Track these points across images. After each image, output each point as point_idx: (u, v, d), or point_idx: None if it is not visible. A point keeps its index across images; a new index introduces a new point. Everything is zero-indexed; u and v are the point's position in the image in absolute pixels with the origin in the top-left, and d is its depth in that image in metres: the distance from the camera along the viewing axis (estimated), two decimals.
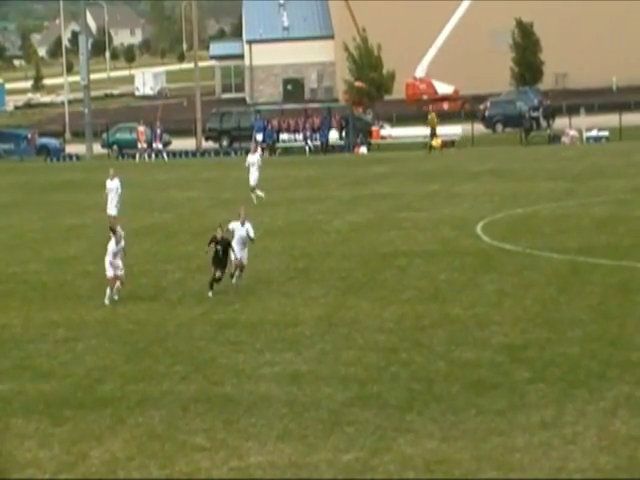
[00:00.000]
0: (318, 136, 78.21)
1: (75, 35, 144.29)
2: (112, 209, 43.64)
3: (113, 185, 43.87)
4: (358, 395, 22.06)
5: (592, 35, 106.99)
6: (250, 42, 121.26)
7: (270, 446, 19.54)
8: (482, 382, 22.46)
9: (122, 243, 31.35)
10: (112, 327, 28.36)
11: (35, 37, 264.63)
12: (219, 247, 30.36)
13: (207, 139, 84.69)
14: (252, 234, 31.54)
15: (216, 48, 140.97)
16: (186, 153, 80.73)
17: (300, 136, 78.53)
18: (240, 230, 31.36)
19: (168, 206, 50.17)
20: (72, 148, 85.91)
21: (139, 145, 79.59)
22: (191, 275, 34.57)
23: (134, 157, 79.04)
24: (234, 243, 30.99)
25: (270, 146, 77.97)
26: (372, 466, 18.41)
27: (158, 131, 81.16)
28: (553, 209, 43.96)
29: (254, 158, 51.20)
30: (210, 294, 30.59)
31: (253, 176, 50.37)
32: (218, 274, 30.54)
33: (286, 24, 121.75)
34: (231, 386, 23.05)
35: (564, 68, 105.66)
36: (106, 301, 30.64)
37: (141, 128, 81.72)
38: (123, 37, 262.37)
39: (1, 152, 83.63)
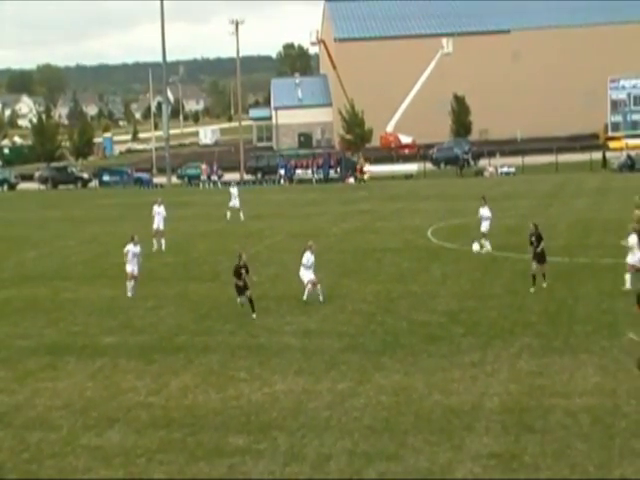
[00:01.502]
0: (321, 171, 78.17)
1: (159, 104, 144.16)
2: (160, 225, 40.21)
3: (161, 209, 40.15)
4: (349, 344, 22.07)
5: (504, 104, 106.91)
6: (276, 108, 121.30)
7: (290, 378, 19.56)
8: (432, 335, 22.46)
9: (139, 248, 29.41)
10: (184, 299, 28.39)
11: (133, 105, 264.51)
12: (242, 271, 25.32)
13: (247, 173, 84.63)
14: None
15: (253, 112, 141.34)
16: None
17: (309, 171, 78.48)
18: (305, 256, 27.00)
19: (221, 218, 50.16)
20: (157, 179, 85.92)
21: (202, 177, 79.66)
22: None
23: (199, 185, 79.05)
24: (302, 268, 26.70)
25: (289, 178, 77.93)
26: (358, 392, 18.42)
27: (215, 168, 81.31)
28: (478, 220, 43.90)
29: (234, 190, 49.85)
30: (254, 316, 25.09)
31: (234, 202, 49.01)
32: (242, 300, 25.51)
33: (300, 96, 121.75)
34: (264, 338, 23.07)
35: (485, 125, 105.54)
36: (129, 293, 28.69)
37: (203, 166, 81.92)
38: (191, 105, 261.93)
39: (111, 182, 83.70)
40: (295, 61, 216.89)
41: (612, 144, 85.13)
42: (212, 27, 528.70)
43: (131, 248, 29.26)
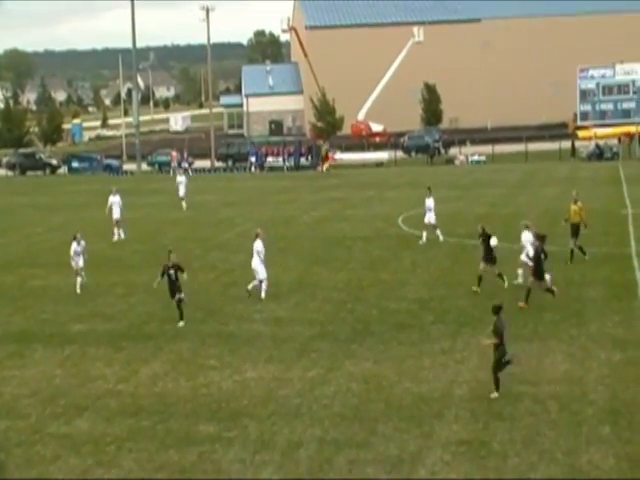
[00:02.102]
0: (292, 159, 78.00)
1: (129, 91, 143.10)
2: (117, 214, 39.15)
3: (116, 199, 39.23)
4: (319, 332, 22.08)
5: (474, 92, 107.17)
6: (247, 95, 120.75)
7: (260, 366, 19.54)
8: (402, 323, 22.52)
9: (83, 244, 27.99)
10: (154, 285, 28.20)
11: (103, 92, 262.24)
12: (172, 272, 23.43)
13: (218, 160, 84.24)
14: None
15: (224, 99, 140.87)
16: (204, 170, 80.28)
17: (280, 159, 78.27)
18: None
19: (192, 205, 49.88)
20: (127, 166, 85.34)
21: (172, 164, 79.22)
22: (208, 252, 34.45)
23: (169, 172, 78.62)
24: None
25: (260, 165, 77.69)
26: (328, 379, 18.44)
27: (185, 155, 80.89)
28: (449, 208, 44.04)
29: (182, 178, 49.27)
30: (181, 324, 23.05)
31: (181, 191, 48.40)
32: (176, 298, 23.39)
33: (271, 84, 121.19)
34: (234, 326, 23.02)
35: (456, 114, 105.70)
36: (77, 290, 27.44)
37: (174, 153, 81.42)
38: (161, 92, 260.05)
39: (80, 169, 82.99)
40: (266, 48, 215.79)
41: (581, 133, 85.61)
42: (183, 13, 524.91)
43: (74, 247, 27.70)
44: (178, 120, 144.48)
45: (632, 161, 68.73)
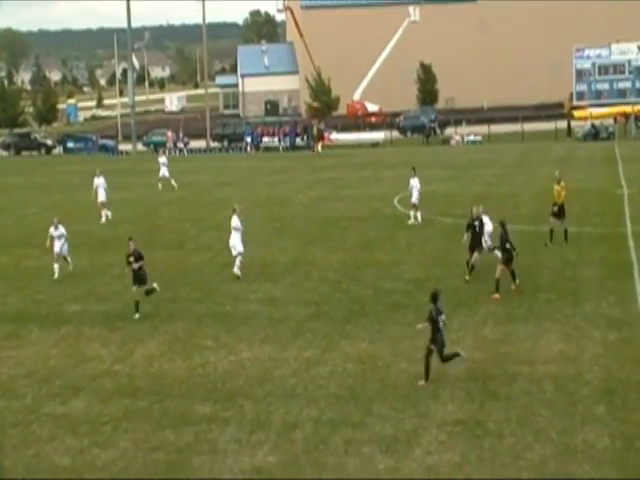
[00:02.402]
0: (288, 139, 77.76)
1: (124, 71, 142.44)
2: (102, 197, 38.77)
3: (101, 181, 38.89)
4: (315, 312, 22.06)
5: (470, 72, 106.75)
6: (243, 76, 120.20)
7: (256, 346, 19.53)
8: (397, 303, 22.51)
9: (61, 229, 27.07)
10: (149, 267, 27.96)
11: (98, 71, 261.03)
12: (132, 259, 22.30)
13: (213, 140, 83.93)
14: None
15: (220, 79, 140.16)
16: (199, 150, 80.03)
17: (276, 139, 78.03)
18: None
19: (187, 185, 49.79)
20: (123, 147, 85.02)
21: (168, 144, 78.98)
22: (203, 232, 34.39)
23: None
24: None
25: (256, 146, 77.46)
26: (323, 360, 18.44)
27: (181, 135, 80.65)
28: (445, 188, 44.01)
29: (163, 159, 48.70)
30: (137, 316, 22.02)
31: (163, 171, 47.88)
32: (146, 288, 22.40)
33: (267, 64, 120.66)
34: (230, 306, 23.00)
35: (451, 94, 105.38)
36: (55, 274, 26.62)
37: (169, 133, 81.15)
38: (157, 72, 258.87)
39: (75, 149, 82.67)
40: (262, 28, 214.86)
41: (577, 113, 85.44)
42: None
43: (52, 232, 26.97)
44: (173, 100, 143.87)
45: (628, 141, 68.65)
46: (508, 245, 22.92)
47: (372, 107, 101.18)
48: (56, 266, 26.73)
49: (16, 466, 13.98)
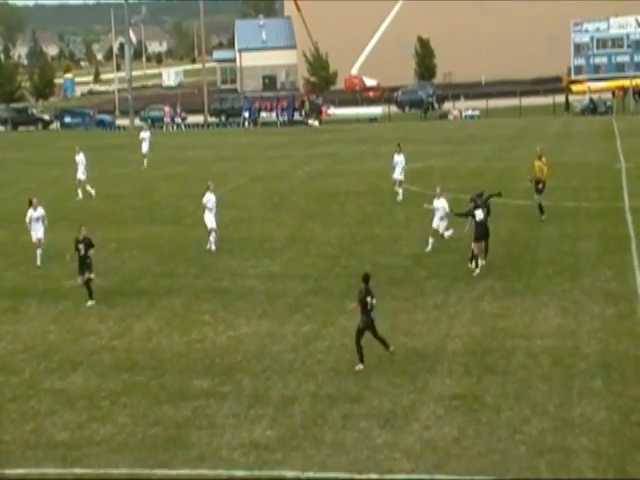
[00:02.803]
0: (285, 114, 77.48)
1: (122, 45, 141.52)
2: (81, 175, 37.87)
3: (81, 157, 38.03)
4: (313, 287, 22.03)
5: (468, 47, 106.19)
6: (240, 50, 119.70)
7: (254, 321, 19.52)
8: (395, 279, 22.48)
9: (40, 211, 25.73)
10: (147, 242, 28.14)
11: (95, 46, 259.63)
12: (81, 246, 21.30)
13: (211, 116, 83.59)
14: None
15: (217, 54, 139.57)
16: (197, 125, 79.76)
17: (273, 114, 77.74)
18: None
19: (185, 161, 49.68)
20: (120, 122, 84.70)
21: (165, 119, 78.74)
22: (200, 207, 34.20)
23: (162, 128, 78.11)
24: None
25: (253, 121, 77.18)
26: (322, 335, 18.43)
27: (178, 110, 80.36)
28: (442, 163, 43.91)
29: (145, 134, 47.93)
30: (89, 303, 21.08)
31: (145, 147, 47.25)
32: (85, 277, 21.23)
33: (264, 38, 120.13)
34: (227, 281, 22.96)
35: (449, 68, 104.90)
36: (37, 261, 25.34)
37: (166, 108, 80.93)
38: (154, 47, 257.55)
39: (72, 124, 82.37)
40: (259, 3, 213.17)
41: (575, 88, 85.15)
42: None
43: (31, 214, 25.54)
44: (171, 75, 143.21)
45: (626, 115, 68.43)
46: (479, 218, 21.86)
47: (370, 82, 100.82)
48: (38, 252, 25.42)
49: (15, 441, 13.98)
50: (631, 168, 39.15)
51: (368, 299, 16.28)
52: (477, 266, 22.33)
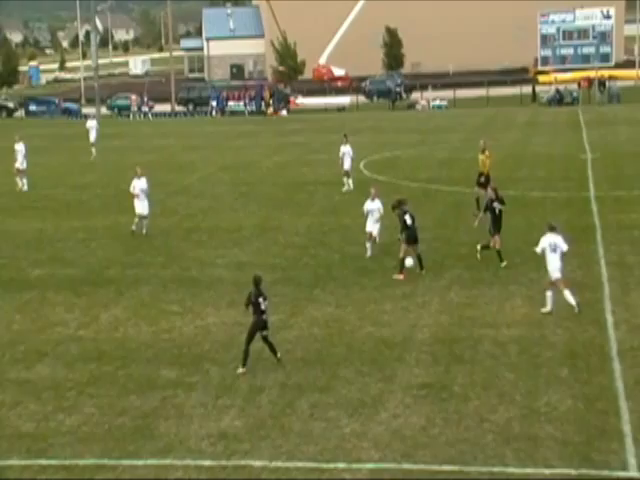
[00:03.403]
0: (253, 103, 77.19)
1: (88, 33, 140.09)
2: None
3: (20, 147, 36.86)
4: (281, 277, 21.98)
5: (436, 37, 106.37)
6: (208, 39, 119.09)
7: (222, 311, 19.44)
8: (364, 268, 22.49)
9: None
10: (115, 231, 27.93)
11: (60, 34, 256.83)
12: None
13: (178, 104, 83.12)
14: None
15: (185, 43, 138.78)
16: (164, 114, 79.24)
17: (241, 103, 77.42)
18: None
19: (152, 150, 49.35)
20: (86, 110, 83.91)
21: (132, 108, 78.15)
22: (168, 197, 34.09)
23: (128, 116, 77.54)
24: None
25: (221, 110, 76.82)
26: (290, 324, 18.40)
27: (145, 99, 79.81)
28: (410, 153, 43.99)
29: (92, 123, 47.00)
30: None
31: (92, 136, 46.27)
32: None
33: (232, 27, 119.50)
34: (196, 271, 22.85)
35: (417, 58, 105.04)
36: None
37: (133, 97, 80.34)
38: (121, 35, 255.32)
39: (38, 112, 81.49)
40: None
41: (541, 78, 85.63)
42: None
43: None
44: (138, 64, 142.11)
45: (591, 106, 68.96)
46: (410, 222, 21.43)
47: (338, 71, 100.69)
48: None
49: None
50: (597, 158, 39.48)
51: (260, 300, 15.78)
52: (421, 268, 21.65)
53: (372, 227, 23.48)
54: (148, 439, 13.42)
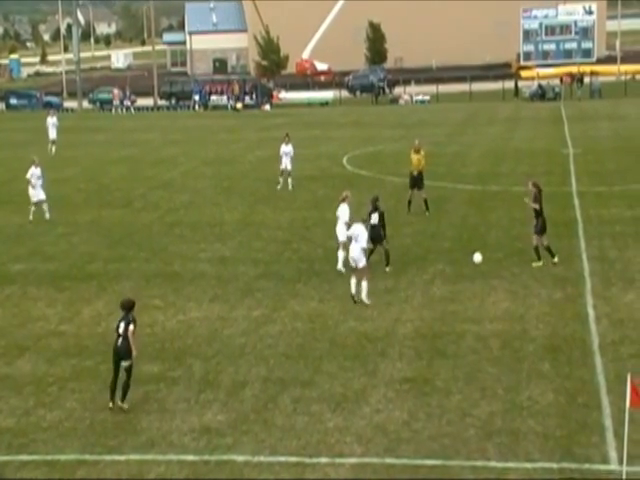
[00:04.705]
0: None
1: (69, 26, 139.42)
2: None
3: None
4: (264, 272, 21.95)
5: (419, 31, 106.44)
6: (191, 33, 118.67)
7: (205, 306, 19.40)
8: (347, 262, 22.43)
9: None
10: (97, 226, 27.80)
11: (41, 27, 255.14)
12: None
13: (161, 98, 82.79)
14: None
15: (167, 37, 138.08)
16: (146, 108, 78.93)
17: (224, 97, 77.18)
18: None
19: (135, 143, 49.13)
20: (68, 104, 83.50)
21: (114, 102, 77.80)
22: (150, 191, 33.95)
23: (111, 110, 77.19)
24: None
25: (204, 104, 76.56)
26: (273, 319, 18.38)
27: (127, 93, 79.46)
28: (393, 148, 43.98)
29: (53, 119, 45.68)
30: None
31: (52, 133, 45.10)
32: None
33: (215, 21, 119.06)
34: (178, 266, 22.78)
35: (400, 53, 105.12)
36: None
37: (115, 90, 79.86)
38: (103, 28, 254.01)
39: (19, 106, 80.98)
40: None
41: (524, 73, 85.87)
42: None
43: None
44: (120, 57, 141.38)
45: (573, 101, 69.21)
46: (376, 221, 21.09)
47: (321, 66, 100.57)
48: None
49: None
50: (578, 153, 39.62)
51: (122, 324, 14.21)
52: None
53: (341, 235, 21.26)
54: (130, 434, 13.37)
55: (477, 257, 20.58)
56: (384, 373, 15.36)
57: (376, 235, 21.15)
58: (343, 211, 21.60)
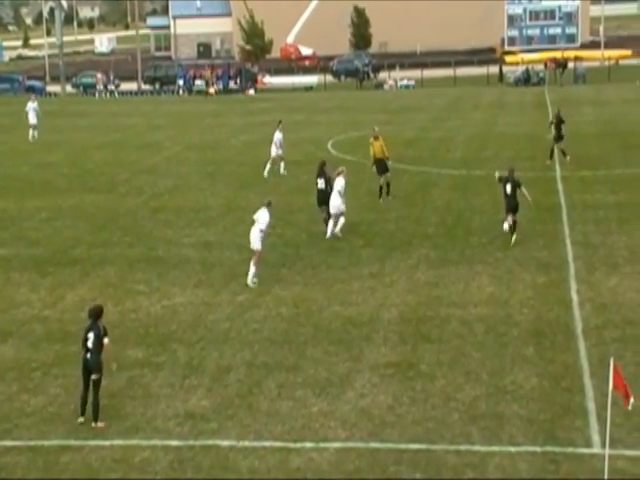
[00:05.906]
0: (221, 82, 76.63)
1: (52, 9, 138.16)
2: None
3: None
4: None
5: (404, 16, 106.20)
6: (175, 17, 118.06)
7: (189, 291, 19.34)
8: (331, 246, 22.46)
9: None
10: (80, 211, 27.64)
11: (23, 10, 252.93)
12: None
13: (145, 83, 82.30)
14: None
15: (151, 21, 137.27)
16: (130, 92, 78.44)
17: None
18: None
19: (118, 128, 48.83)
20: (51, 88, 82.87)
21: (98, 86, 77.30)
22: (134, 176, 33.78)
23: (94, 95, 76.69)
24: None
25: (188, 89, 76.18)
26: (257, 303, 18.35)
27: (111, 77, 78.96)
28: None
29: (34, 104, 44.78)
30: None
31: (32, 118, 44.26)
32: None
33: (199, 5, 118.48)
34: (162, 251, 22.69)
35: (385, 38, 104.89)
36: None
37: (99, 75, 79.33)
38: (86, 12, 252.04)
39: (1, 90, 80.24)
40: None
41: (508, 58, 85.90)
42: None
43: None
44: (103, 41, 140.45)
45: (557, 86, 69.25)
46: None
47: (306, 51, 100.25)
48: None
49: None
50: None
51: (90, 335, 13.09)
52: None
53: (335, 205, 23.05)
54: (115, 419, 13.32)
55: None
56: (368, 358, 15.37)
57: (324, 199, 23.16)
58: (339, 182, 23.25)
